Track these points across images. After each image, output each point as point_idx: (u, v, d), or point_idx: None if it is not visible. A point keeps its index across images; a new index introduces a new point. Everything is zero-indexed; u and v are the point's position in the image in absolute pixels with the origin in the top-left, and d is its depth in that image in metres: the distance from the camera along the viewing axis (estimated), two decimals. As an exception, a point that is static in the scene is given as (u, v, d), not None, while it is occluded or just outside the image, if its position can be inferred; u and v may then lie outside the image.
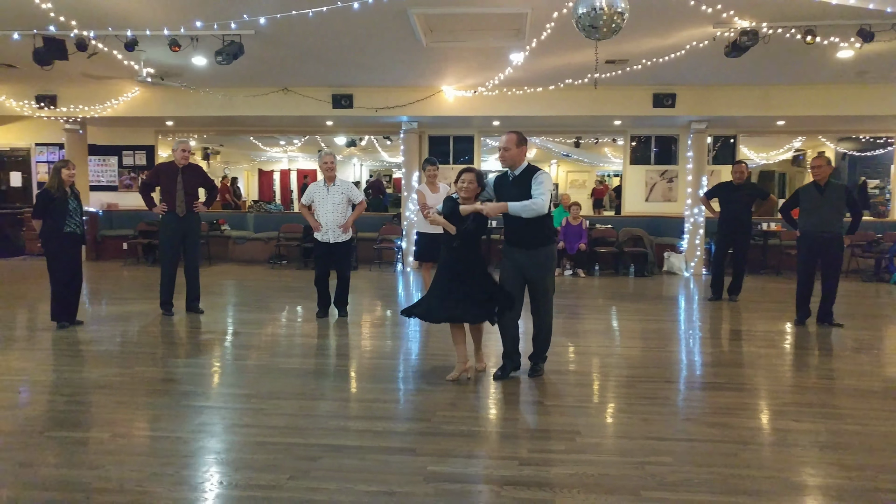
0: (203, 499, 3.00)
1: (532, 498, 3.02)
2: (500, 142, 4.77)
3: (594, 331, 6.89)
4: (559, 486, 3.14)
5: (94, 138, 13.01)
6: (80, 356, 5.61)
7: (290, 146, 19.73)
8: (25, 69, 9.47)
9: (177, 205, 7.16)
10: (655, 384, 4.87)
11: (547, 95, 10.63)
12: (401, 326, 6.84)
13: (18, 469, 3.32)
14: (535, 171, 4.71)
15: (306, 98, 11.12)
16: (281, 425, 3.95)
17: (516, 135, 4.76)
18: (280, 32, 7.76)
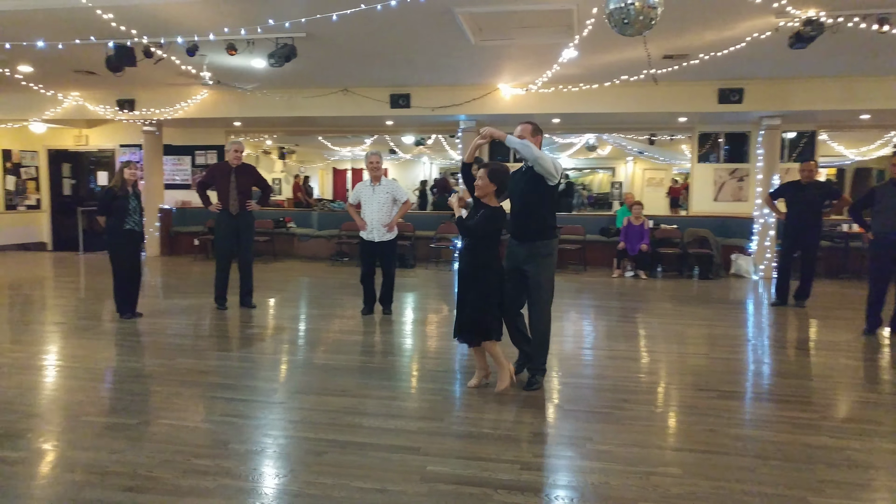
0: (203, 488, 3.10)
1: (522, 503, 2.97)
2: (515, 132, 4.67)
3: (641, 335, 6.68)
4: (555, 493, 3.07)
5: (169, 139, 13.67)
6: (130, 346, 5.93)
7: (358, 145, 20.08)
8: (106, 76, 10.03)
9: (230, 203, 7.43)
10: (687, 392, 4.68)
11: (605, 92, 10.38)
12: (443, 326, 6.85)
13: (47, 450, 3.54)
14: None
15: (365, 98, 11.30)
16: (296, 419, 4.05)
17: (531, 125, 4.69)
18: (331, 34, 7.92)
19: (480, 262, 4.46)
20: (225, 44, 8.07)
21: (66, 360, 5.40)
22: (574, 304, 8.33)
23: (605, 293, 9.23)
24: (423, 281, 10.28)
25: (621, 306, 8.23)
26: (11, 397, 4.41)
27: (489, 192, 4.49)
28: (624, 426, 3.98)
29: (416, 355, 5.74)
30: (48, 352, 5.73)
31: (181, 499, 2.99)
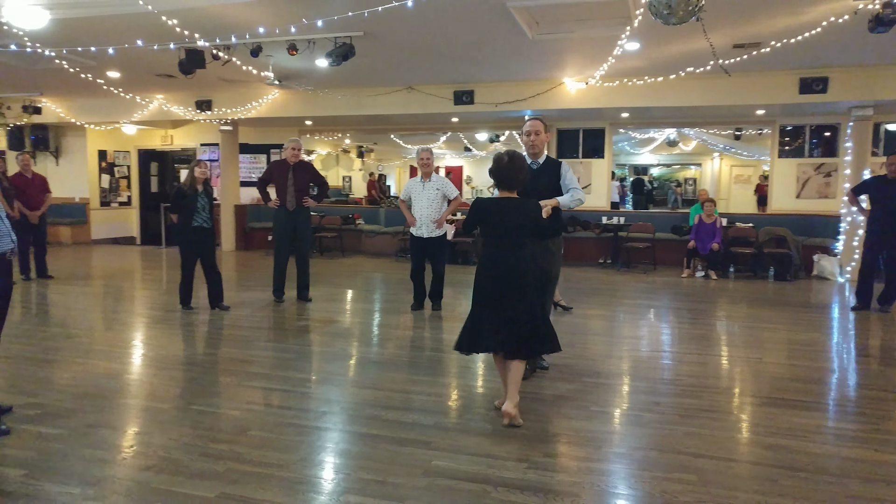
0: (212, 471, 3.21)
1: (520, 501, 2.90)
2: (529, 126, 4.55)
3: (696, 337, 6.39)
4: (555, 494, 2.98)
5: (245, 138, 14.24)
6: (184, 335, 6.21)
7: (431, 143, 20.21)
8: (184, 78, 10.54)
9: (287, 199, 7.65)
10: (729, 397, 4.44)
11: (673, 85, 10.00)
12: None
13: (83, 427, 3.76)
14: (559, 163, 4.65)
15: (429, 95, 11.37)
16: (319, 410, 4.11)
17: (541, 121, 4.58)
18: (386, 32, 8.00)
19: (535, 263, 4.08)
20: (286, 44, 8.32)
21: (121, 347, 5.72)
22: (634, 303, 8.07)
23: (670, 293, 8.89)
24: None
25: (683, 307, 7.89)
26: (64, 379, 4.71)
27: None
28: (649, 429, 3.81)
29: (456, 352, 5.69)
30: (108, 338, 6.08)
31: (189, 480, 3.10)
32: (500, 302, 3.84)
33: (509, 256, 3.87)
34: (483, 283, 3.92)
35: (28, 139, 14.07)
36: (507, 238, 3.89)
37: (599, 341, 6.13)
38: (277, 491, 3.00)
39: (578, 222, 12.44)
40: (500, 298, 3.84)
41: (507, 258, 3.86)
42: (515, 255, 3.87)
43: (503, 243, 3.90)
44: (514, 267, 3.85)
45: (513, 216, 3.90)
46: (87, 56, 8.99)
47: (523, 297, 3.84)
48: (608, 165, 12.85)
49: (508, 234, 3.89)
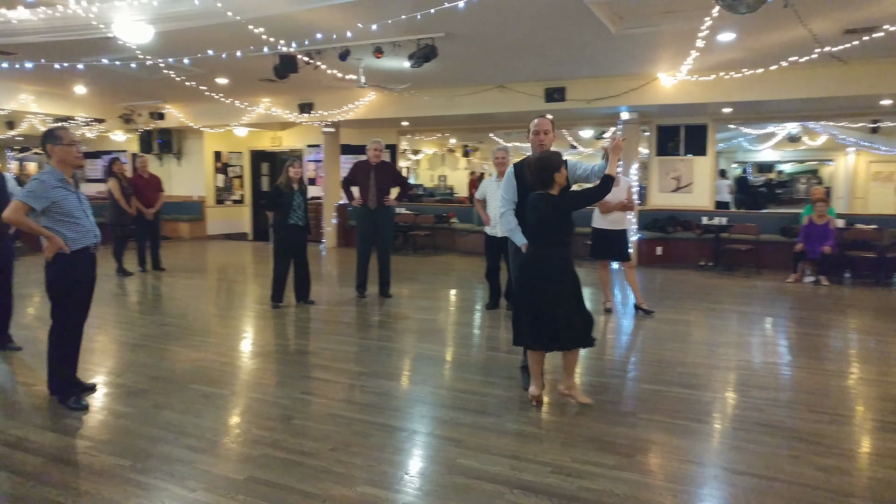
0: (247, 454, 3.39)
1: (531, 506, 2.86)
2: (537, 125, 4.38)
3: (781, 346, 5.97)
4: (569, 500, 2.90)
5: (347, 139, 14.75)
6: (263, 328, 6.55)
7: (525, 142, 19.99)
8: (288, 82, 11.08)
9: (369, 198, 7.88)
10: (796, 412, 4.12)
11: (778, 76, 9.34)
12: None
13: (151, 408, 4.08)
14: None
15: (519, 93, 11.30)
16: (364, 402, 4.23)
17: (550, 120, 4.42)
18: (468, 33, 8.03)
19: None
20: (372, 47, 8.57)
21: (204, 336, 6.13)
22: (725, 308, 7.63)
23: (770, 299, 8.33)
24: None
25: (781, 314, 7.38)
26: (147, 363, 5.12)
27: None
28: (693, 441, 3.62)
29: (513, 351, 5.65)
30: (195, 328, 6.53)
31: (226, 462, 3.31)
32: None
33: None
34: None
35: (155, 142, 15.33)
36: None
37: (675, 348, 5.85)
38: (301, 478, 3.13)
39: (678, 222, 11.94)
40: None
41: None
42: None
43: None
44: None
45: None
46: (195, 64, 9.69)
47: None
48: (711, 163, 12.21)
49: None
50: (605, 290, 7.50)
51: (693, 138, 12.25)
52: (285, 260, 7.45)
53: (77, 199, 4.09)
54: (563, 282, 3.98)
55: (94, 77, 11.09)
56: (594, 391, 4.44)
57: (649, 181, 12.74)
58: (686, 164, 12.22)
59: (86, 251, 4.11)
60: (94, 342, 5.70)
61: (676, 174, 12.28)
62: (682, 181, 12.25)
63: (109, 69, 9.80)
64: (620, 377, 4.87)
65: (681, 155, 12.34)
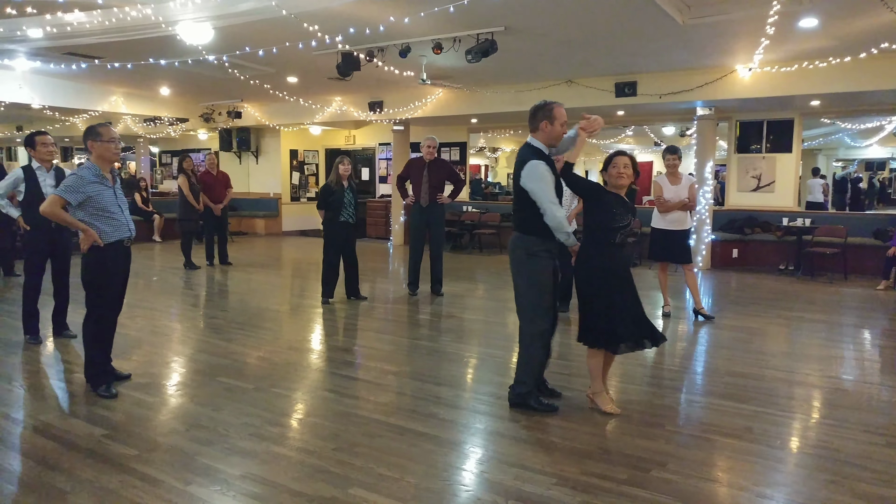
0: (253, 450, 3.39)
1: (521, 522, 2.69)
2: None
3: (844, 356, 5.46)
4: (565, 518, 2.72)
5: (416, 137, 14.75)
6: (306, 324, 6.62)
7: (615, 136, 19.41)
8: (352, 80, 11.20)
9: (421, 196, 7.83)
10: (847, 431, 3.72)
11: (871, 64, 8.58)
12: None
13: (174, 400, 4.17)
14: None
15: (589, 88, 10.96)
16: (382, 401, 4.16)
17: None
18: (528, 26, 7.84)
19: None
20: (432, 43, 8.51)
21: (245, 330, 6.23)
22: (798, 316, 7.09)
23: (850, 307, 7.68)
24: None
25: (856, 323, 6.78)
26: (184, 355, 5.27)
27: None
28: (718, 457, 3.34)
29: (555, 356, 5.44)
30: (240, 322, 6.65)
31: (227, 456, 3.31)
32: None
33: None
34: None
35: (234, 140, 15.92)
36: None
37: (726, 356, 5.46)
38: (296, 476, 3.09)
39: (757, 223, 11.25)
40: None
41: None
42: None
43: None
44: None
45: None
46: (264, 62, 9.95)
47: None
48: (796, 160, 11.41)
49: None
50: (664, 294, 7.13)
51: (777, 134, 11.48)
52: (335, 257, 7.49)
53: (113, 194, 4.23)
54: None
55: (175, 78, 11.61)
56: (626, 400, 4.19)
57: (728, 180, 12.07)
58: (768, 161, 11.48)
59: (120, 244, 4.25)
60: (140, 332, 5.93)
61: (757, 172, 11.56)
62: (762, 180, 11.51)
63: (184, 70, 10.24)
64: (658, 385, 4.58)
65: (762, 152, 11.60)
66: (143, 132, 15.62)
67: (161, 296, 7.93)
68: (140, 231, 13.80)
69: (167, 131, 15.46)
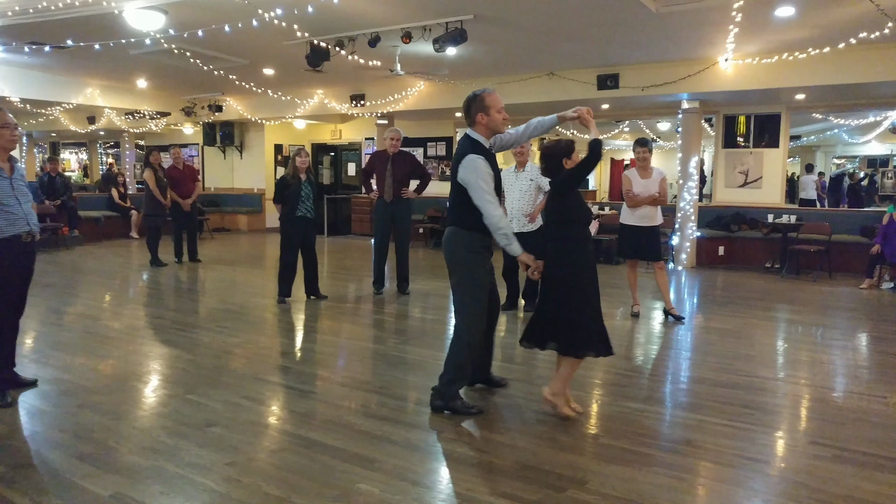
0: (137, 465, 3.12)
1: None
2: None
3: (811, 359, 5.15)
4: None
5: (404, 132, 14.45)
6: (249, 325, 6.34)
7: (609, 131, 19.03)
8: (334, 73, 10.87)
9: (385, 190, 7.54)
10: (791, 444, 3.42)
11: (853, 55, 8.25)
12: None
13: (74, 409, 3.91)
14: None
15: (571, 81, 10.65)
16: (300, 411, 3.89)
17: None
18: (498, 15, 7.56)
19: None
20: (401, 32, 8.23)
21: (183, 331, 5.98)
22: (773, 316, 6.79)
23: (831, 306, 7.36)
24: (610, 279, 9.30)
25: (834, 323, 6.46)
26: (106, 358, 5.01)
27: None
28: (647, 473, 3.04)
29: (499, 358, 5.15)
30: (185, 321, 6.40)
31: (108, 474, 3.04)
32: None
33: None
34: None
35: (218, 135, 15.66)
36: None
37: (690, 359, 5.18)
38: (171, 496, 2.81)
39: (744, 220, 10.93)
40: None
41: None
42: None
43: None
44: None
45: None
46: (232, 54, 9.69)
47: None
48: (783, 156, 11.06)
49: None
50: (634, 293, 6.82)
51: (764, 129, 11.14)
52: (293, 254, 7.19)
53: (9, 185, 3.94)
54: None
55: (150, 70, 11.35)
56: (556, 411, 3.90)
57: (714, 175, 11.73)
58: (755, 157, 11.14)
59: (17, 239, 3.95)
60: (71, 333, 5.70)
61: (744, 168, 11.22)
62: (750, 175, 11.18)
63: (152, 60, 9.99)
64: (604, 392, 4.29)
65: (750, 147, 11.26)
66: (125, 126, 15.38)
67: (112, 294, 7.70)
68: (116, 227, 13.60)
69: (149, 125, 15.22)
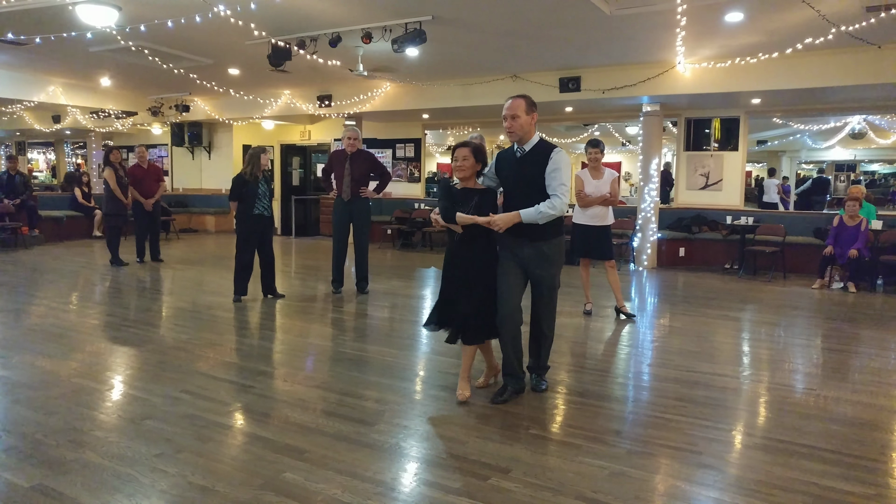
0: (63, 458, 3.12)
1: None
2: (505, 109, 3.94)
3: (749, 353, 5.28)
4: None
5: (373, 133, 14.51)
6: (206, 323, 6.32)
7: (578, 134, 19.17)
8: (301, 73, 10.86)
9: (343, 189, 7.57)
10: (716, 433, 3.52)
11: (803, 61, 8.47)
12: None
13: (17, 405, 3.89)
14: (550, 150, 3.84)
15: (534, 83, 10.75)
16: (241, 404, 3.91)
17: (524, 99, 3.93)
18: (456, 16, 7.62)
19: (490, 255, 4.02)
20: (362, 32, 8.27)
21: (139, 328, 5.96)
22: (722, 315, 6.91)
23: (781, 305, 7.52)
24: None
25: (780, 321, 6.61)
26: (38, 357, 4.97)
27: (473, 174, 3.94)
28: (570, 462, 3.11)
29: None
30: (137, 319, 6.38)
31: (31, 467, 3.03)
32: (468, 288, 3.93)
33: (465, 248, 3.93)
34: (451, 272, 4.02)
35: (186, 135, 15.56)
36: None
37: (633, 354, 5.28)
38: (92, 487, 2.82)
39: (704, 222, 11.12)
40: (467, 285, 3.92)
41: (464, 250, 3.94)
42: (469, 246, 3.92)
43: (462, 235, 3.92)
44: (470, 258, 3.94)
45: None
46: (195, 53, 9.65)
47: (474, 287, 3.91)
48: (742, 159, 11.28)
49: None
50: (586, 291, 6.92)
51: (724, 132, 11.35)
52: (249, 252, 7.19)
53: None
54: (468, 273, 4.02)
55: (113, 68, 11.23)
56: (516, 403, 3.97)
57: (676, 178, 11.92)
58: (716, 159, 11.35)
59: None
60: (15, 329, 5.69)
61: (705, 171, 11.42)
62: (710, 178, 11.38)
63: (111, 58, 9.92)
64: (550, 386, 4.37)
65: (710, 150, 11.47)
66: (91, 126, 15.20)
67: (66, 293, 7.63)
68: (79, 226, 13.44)
69: (115, 125, 15.07)
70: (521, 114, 3.88)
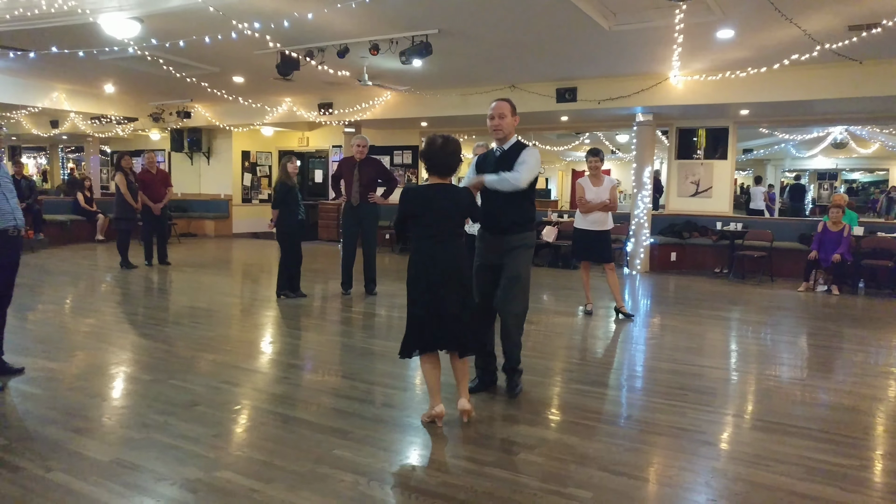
0: (131, 437, 3.43)
1: (377, 496, 2.78)
2: (492, 110, 4.26)
3: (739, 349, 5.67)
4: (421, 494, 2.82)
5: (370, 140, 14.78)
6: (225, 320, 6.63)
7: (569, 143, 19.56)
8: (303, 81, 11.16)
9: (352, 195, 7.90)
10: (714, 416, 3.89)
11: (789, 75, 8.92)
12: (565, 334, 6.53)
13: (63, 391, 4.17)
14: (523, 147, 4.19)
15: (532, 94, 11.14)
16: (278, 393, 4.22)
17: (508, 102, 4.27)
18: (462, 29, 7.97)
19: (465, 258, 3.78)
20: (369, 44, 8.61)
21: (155, 324, 6.24)
22: (714, 315, 7.31)
23: (769, 307, 7.93)
24: (568, 282, 9.80)
25: (767, 321, 7.01)
26: (83, 349, 5.25)
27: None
28: (588, 440, 3.46)
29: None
30: (153, 317, 6.65)
31: (102, 444, 3.34)
32: (436, 298, 3.61)
33: (438, 249, 3.64)
34: (416, 279, 3.69)
35: (186, 141, 15.80)
36: (434, 229, 3.65)
37: (634, 349, 5.65)
38: (166, 461, 3.13)
39: (695, 228, 11.55)
40: (435, 294, 3.61)
41: (436, 250, 3.64)
42: (444, 246, 3.65)
43: (431, 234, 3.66)
44: (444, 260, 3.63)
45: (441, 204, 3.65)
46: (204, 61, 9.94)
47: (455, 291, 3.64)
48: (731, 167, 11.74)
49: (436, 224, 3.65)
50: (587, 293, 7.30)
51: (714, 142, 11.81)
52: (297, 254, 7.68)
53: None
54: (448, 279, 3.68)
55: (119, 75, 11.49)
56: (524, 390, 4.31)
57: (668, 185, 12.36)
58: (706, 168, 11.80)
59: (5, 233, 4.21)
60: (48, 327, 5.92)
61: (696, 178, 11.87)
62: (701, 185, 11.83)
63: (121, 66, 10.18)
64: (559, 379, 4.71)
65: (701, 158, 11.92)
66: (91, 131, 15.40)
67: (84, 294, 7.89)
68: (83, 231, 13.63)
69: (116, 131, 15.28)
70: (507, 114, 4.22)
